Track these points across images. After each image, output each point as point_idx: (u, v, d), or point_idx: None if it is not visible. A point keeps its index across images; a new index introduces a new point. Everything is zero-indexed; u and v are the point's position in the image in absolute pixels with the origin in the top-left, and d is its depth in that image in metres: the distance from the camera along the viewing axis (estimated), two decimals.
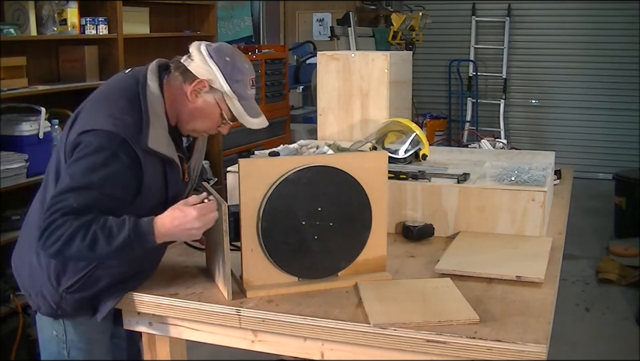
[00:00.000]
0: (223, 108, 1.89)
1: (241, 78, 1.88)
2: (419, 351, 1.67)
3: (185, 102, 1.88)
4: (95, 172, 1.74)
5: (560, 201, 2.88)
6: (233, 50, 1.92)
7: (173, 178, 1.90)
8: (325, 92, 3.51)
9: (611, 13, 7.92)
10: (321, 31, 7.82)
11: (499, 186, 2.39)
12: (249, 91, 1.91)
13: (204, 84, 1.86)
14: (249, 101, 1.91)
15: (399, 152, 2.79)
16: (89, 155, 1.76)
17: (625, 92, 7.93)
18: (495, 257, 2.13)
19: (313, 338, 1.78)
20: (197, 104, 1.88)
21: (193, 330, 1.94)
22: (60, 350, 2.00)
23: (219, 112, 1.90)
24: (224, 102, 1.88)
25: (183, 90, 1.88)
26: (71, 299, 1.90)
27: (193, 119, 1.91)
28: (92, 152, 1.76)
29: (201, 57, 1.86)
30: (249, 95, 1.92)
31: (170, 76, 1.91)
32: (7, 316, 3.33)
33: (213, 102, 1.88)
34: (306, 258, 1.92)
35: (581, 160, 7.80)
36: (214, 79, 1.85)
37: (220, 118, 1.91)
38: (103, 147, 1.76)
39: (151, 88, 1.86)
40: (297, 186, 1.87)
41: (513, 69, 8.48)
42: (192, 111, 1.89)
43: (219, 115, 1.90)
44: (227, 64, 1.86)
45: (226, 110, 1.89)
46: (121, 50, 3.90)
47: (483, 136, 4.61)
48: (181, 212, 1.77)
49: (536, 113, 8.51)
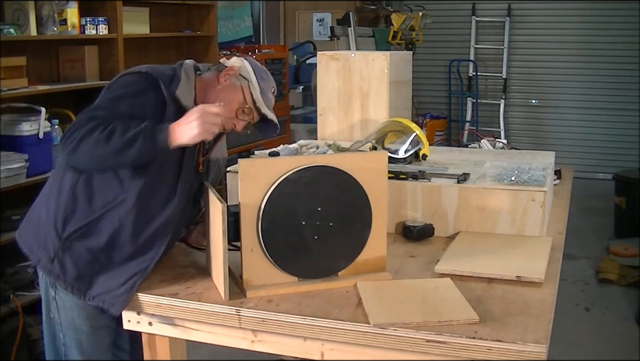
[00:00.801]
0: (246, 94, 2.05)
1: (266, 78, 2.11)
2: (419, 351, 1.67)
3: (214, 85, 2.05)
4: (124, 99, 1.89)
5: (560, 201, 2.88)
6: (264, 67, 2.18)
7: None
8: (324, 92, 3.51)
9: (611, 13, 7.92)
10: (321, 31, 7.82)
11: (499, 186, 2.39)
12: (269, 93, 2.11)
13: (234, 70, 2.06)
14: (268, 101, 2.10)
15: (399, 152, 2.79)
16: (120, 87, 1.93)
17: (624, 92, 7.93)
18: (494, 257, 2.13)
19: (312, 338, 1.78)
20: (223, 86, 2.04)
21: (192, 330, 1.94)
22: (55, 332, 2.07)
23: (241, 97, 2.04)
24: (248, 89, 2.05)
25: (216, 78, 2.06)
26: (73, 251, 1.95)
27: (217, 100, 2.00)
28: (124, 84, 1.94)
29: (238, 59, 2.12)
30: (269, 97, 2.11)
31: (206, 72, 2.10)
32: (6, 316, 3.33)
33: (237, 85, 2.05)
34: (306, 258, 1.92)
35: (581, 160, 7.80)
36: (243, 70, 2.07)
37: (240, 103, 2.04)
38: (135, 82, 1.93)
39: (186, 66, 2.05)
40: (297, 186, 1.87)
41: (513, 69, 8.48)
42: (218, 92, 2.03)
43: (240, 99, 2.04)
44: (257, 66, 2.11)
45: (248, 96, 2.05)
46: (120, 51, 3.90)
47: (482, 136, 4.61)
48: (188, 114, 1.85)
49: (536, 113, 8.51)
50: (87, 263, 1.96)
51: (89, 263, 1.96)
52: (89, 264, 1.96)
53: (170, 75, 1.98)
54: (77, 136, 1.79)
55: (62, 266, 1.96)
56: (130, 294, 1.93)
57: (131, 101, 1.89)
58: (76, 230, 1.95)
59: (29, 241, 2.04)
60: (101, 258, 1.96)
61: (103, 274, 1.96)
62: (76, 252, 1.96)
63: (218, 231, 1.84)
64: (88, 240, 1.95)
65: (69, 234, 1.95)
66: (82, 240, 1.95)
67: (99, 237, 1.94)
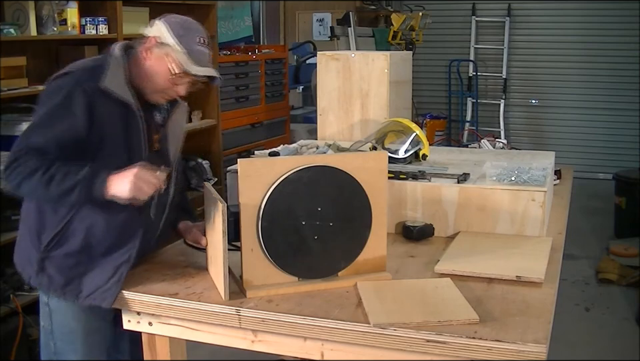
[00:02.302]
0: (171, 60, 1.96)
1: (187, 34, 1.98)
2: (419, 351, 1.67)
3: (143, 61, 2.01)
4: (55, 114, 1.90)
5: (560, 201, 2.88)
6: (186, 18, 2.05)
7: (134, 124, 1.98)
8: (325, 92, 3.51)
9: (611, 13, 7.91)
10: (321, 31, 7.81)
11: (499, 186, 2.39)
12: (196, 46, 1.99)
13: (153, 41, 1.99)
14: (197, 54, 1.98)
15: (399, 152, 2.79)
16: (48, 98, 1.94)
17: (624, 92, 7.93)
18: (495, 257, 2.13)
19: (312, 338, 1.78)
20: (150, 61, 2.00)
21: (193, 330, 1.94)
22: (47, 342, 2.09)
23: (169, 66, 1.97)
24: (171, 55, 1.96)
25: (142, 52, 2.01)
26: (53, 260, 1.98)
27: (148, 77, 2.00)
28: (51, 94, 1.94)
29: (155, 23, 2.03)
30: (197, 50, 1.99)
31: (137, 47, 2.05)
32: (7, 316, 3.33)
33: (161, 56, 1.98)
34: (306, 258, 1.92)
35: (581, 160, 7.80)
36: (161, 35, 1.98)
37: (169, 71, 1.98)
38: (60, 88, 1.93)
39: (115, 50, 2.04)
40: (297, 186, 1.87)
41: (513, 69, 8.48)
42: (148, 68, 2.00)
43: (167, 68, 1.97)
44: (174, 23, 2.00)
45: (174, 61, 1.96)
46: None
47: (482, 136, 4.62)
48: (124, 174, 1.86)
49: (536, 113, 8.51)
50: (70, 268, 1.98)
51: (73, 267, 1.98)
52: (73, 267, 1.98)
53: (94, 67, 1.98)
54: (19, 175, 1.86)
55: (49, 277, 2.00)
56: (118, 286, 1.95)
57: (61, 113, 1.90)
58: (50, 240, 1.98)
59: (19, 260, 2.09)
60: (82, 259, 1.98)
61: (89, 273, 1.98)
62: (57, 261, 1.99)
63: (218, 231, 1.84)
64: (65, 246, 1.98)
65: (46, 246, 1.99)
66: (59, 247, 1.98)
67: (74, 241, 1.97)
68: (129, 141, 1.98)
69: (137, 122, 1.98)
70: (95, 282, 1.97)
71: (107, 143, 1.94)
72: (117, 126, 1.95)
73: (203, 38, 2.02)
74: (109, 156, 1.94)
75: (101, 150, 1.94)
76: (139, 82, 2.02)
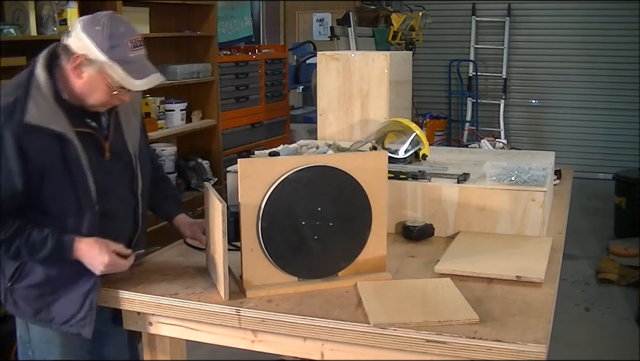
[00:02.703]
0: (107, 77, 1.84)
1: (117, 43, 1.82)
2: (419, 351, 1.67)
3: (73, 80, 1.87)
4: None
5: (560, 201, 2.88)
6: (106, 18, 1.85)
7: (72, 155, 1.86)
8: (325, 92, 3.51)
9: (611, 13, 7.91)
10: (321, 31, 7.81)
11: (499, 186, 2.39)
12: (130, 54, 1.84)
13: (81, 59, 1.83)
14: (134, 63, 1.85)
15: (399, 152, 2.79)
16: None
17: (624, 92, 7.93)
18: (494, 257, 2.13)
19: (312, 338, 1.78)
20: (84, 80, 1.86)
21: (193, 330, 1.94)
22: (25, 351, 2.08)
23: (106, 82, 1.85)
24: (106, 71, 1.83)
25: (71, 69, 1.87)
26: (18, 291, 1.97)
27: (85, 94, 1.88)
28: None
29: (75, 32, 1.85)
30: (132, 57, 1.84)
31: (59, 58, 1.90)
32: (7, 316, 3.32)
33: (95, 74, 1.84)
34: (306, 258, 1.92)
35: (581, 160, 7.79)
36: (89, 52, 1.82)
37: (108, 88, 1.86)
38: None
39: (37, 69, 1.87)
40: (297, 186, 1.87)
41: (513, 69, 8.48)
42: (81, 87, 1.87)
43: (106, 85, 1.85)
44: (98, 34, 1.81)
45: (110, 78, 1.84)
46: None
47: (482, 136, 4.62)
48: (98, 251, 1.87)
49: (536, 113, 8.51)
50: (35, 298, 1.96)
51: (38, 297, 1.96)
52: (39, 298, 1.96)
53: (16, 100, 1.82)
54: None
55: (18, 306, 1.99)
56: (93, 312, 1.93)
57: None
58: (12, 273, 1.96)
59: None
60: (45, 290, 1.95)
61: (56, 302, 1.96)
62: (22, 292, 1.97)
63: (218, 231, 1.84)
64: (27, 279, 1.95)
65: (9, 278, 1.97)
66: (21, 280, 1.96)
67: (35, 274, 1.95)
68: (69, 165, 1.86)
69: (75, 150, 1.86)
70: (66, 310, 1.95)
71: (49, 183, 1.85)
72: (54, 153, 1.84)
73: (134, 40, 1.85)
74: (55, 197, 1.87)
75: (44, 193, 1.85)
76: (73, 100, 1.89)
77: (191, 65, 4.46)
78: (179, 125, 4.42)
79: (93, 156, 1.92)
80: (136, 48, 1.85)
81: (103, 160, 1.96)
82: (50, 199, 1.87)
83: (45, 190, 1.86)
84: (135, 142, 2.06)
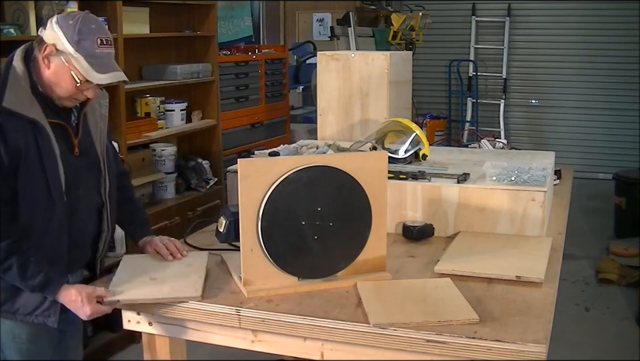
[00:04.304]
0: (72, 68, 1.90)
1: (85, 38, 1.89)
2: (419, 351, 1.67)
3: (43, 69, 1.94)
4: None
5: (560, 201, 2.88)
6: (80, 16, 1.94)
7: (45, 143, 1.91)
8: (324, 92, 3.51)
9: (611, 13, 7.91)
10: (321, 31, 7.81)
11: (499, 186, 2.39)
12: (97, 49, 1.91)
13: (50, 48, 1.90)
14: (99, 59, 1.91)
15: (399, 152, 2.79)
16: None
17: (624, 92, 7.93)
18: (494, 257, 2.13)
19: (312, 338, 1.78)
20: (51, 70, 1.93)
21: (193, 330, 1.94)
22: None
23: (71, 74, 1.91)
24: (72, 62, 1.90)
25: (40, 60, 1.94)
26: None
27: (52, 85, 1.94)
28: None
29: (50, 24, 1.93)
30: (99, 53, 1.91)
31: (35, 50, 1.97)
32: None
33: (62, 64, 1.91)
34: (306, 258, 1.92)
35: (581, 160, 7.79)
36: (58, 42, 1.90)
37: (73, 79, 1.92)
38: None
39: (14, 61, 1.96)
40: (297, 186, 1.87)
41: (513, 69, 8.48)
42: (49, 77, 1.94)
43: (71, 77, 1.91)
44: (70, 27, 1.89)
45: (75, 70, 1.90)
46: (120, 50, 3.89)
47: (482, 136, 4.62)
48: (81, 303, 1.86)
49: (536, 113, 8.50)
50: (2, 289, 1.95)
51: (2, 289, 1.95)
52: (2, 289, 1.95)
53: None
54: None
55: None
56: (57, 302, 1.93)
57: None
58: None
59: None
60: (7, 283, 1.94)
61: (21, 293, 1.95)
62: None
63: None
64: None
65: None
66: None
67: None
68: (42, 154, 1.91)
69: (48, 138, 1.92)
70: (30, 301, 1.96)
71: (23, 168, 1.89)
72: (30, 141, 1.89)
73: (102, 38, 1.92)
74: (27, 182, 1.90)
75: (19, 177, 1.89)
76: (45, 91, 1.96)
77: (191, 65, 4.45)
78: (179, 125, 4.42)
79: (64, 150, 1.97)
80: (103, 45, 1.92)
81: (72, 155, 2.02)
82: (22, 187, 1.89)
83: (19, 178, 1.89)
84: (103, 145, 2.13)
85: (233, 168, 2.54)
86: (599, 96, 8.10)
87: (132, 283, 1.96)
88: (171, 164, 4.29)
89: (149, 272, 2.03)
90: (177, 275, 2.01)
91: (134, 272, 2.04)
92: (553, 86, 8.31)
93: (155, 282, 1.96)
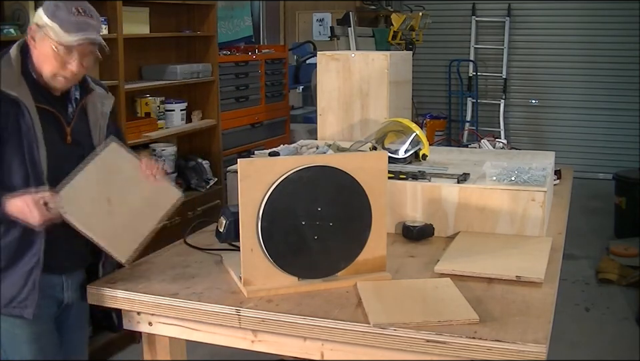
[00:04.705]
0: (50, 39, 1.94)
1: (61, 8, 1.94)
2: (419, 351, 1.67)
3: (32, 52, 1.99)
4: None
5: (560, 201, 2.88)
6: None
7: (26, 123, 1.93)
8: (324, 92, 3.51)
9: (611, 13, 7.91)
10: (321, 31, 7.81)
11: (499, 186, 2.39)
12: (72, 18, 1.94)
13: (34, 27, 1.97)
14: (73, 25, 1.94)
15: (399, 152, 2.79)
16: None
17: (624, 92, 7.93)
18: (494, 257, 2.13)
19: (312, 338, 1.78)
20: (37, 49, 1.98)
21: (193, 330, 1.94)
22: None
23: (51, 47, 1.94)
24: (49, 33, 1.94)
25: (28, 43, 2.00)
26: None
27: (40, 65, 1.98)
28: None
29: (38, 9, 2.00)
30: (74, 20, 1.94)
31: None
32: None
33: (43, 38, 1.95)
34: (306, 258, 1.92)
35: (581, 160, 7.79)
36: (38, 19, 1.96)
37: (54, 52, 1.95)
38: None
39: (10, 50, 2.01)
40: (297, 186, 1.87)
41: (513, 69, 8.48)
42: (37, 58, 1.98)
43: (51, 49, 1.95)
44: (49, 4, 1.96)
45: (52, 40, 1.94)
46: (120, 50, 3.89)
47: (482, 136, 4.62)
48: (29, 211, 1.85)
49: (536, 113, 8.51)
50: None
51: None
52: None
53: None
54: None
55: None
56: (35, 293, 1.94)
57: None
58: None
59: None
60: None
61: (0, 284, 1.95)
62: None
63: None
64: None
65: None
66: None
67: None
68: (23, 147, 1.93)
69: (30, 119, 1.93)
70: (9, 292, 1.95)
71: (6, 146, 1.92)
72: (12, 120, 1.93)
73: (79, 8, 1.96)
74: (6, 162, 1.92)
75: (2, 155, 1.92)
76: (37, 77, 1.99)
77: (191, 65, 4.45)
78: (179, 125, 4.42)
79: (53, 136, 1.99)
80: (80, 15, 1.96)
81: (64, 143, 2.03)
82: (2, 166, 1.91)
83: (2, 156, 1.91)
84: (101, 140, 2.12)
85: (232, 168, 2.54)
86: (599, 96, 8.10)
87: (85, 200, 1.94)
88: (171, 164, 4.29)
89: (111, 190, 2.01)
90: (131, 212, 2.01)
91: (99, 180, 2.00)
92: (553, 86, 8.32)
93: (106, 214, 1.96)
